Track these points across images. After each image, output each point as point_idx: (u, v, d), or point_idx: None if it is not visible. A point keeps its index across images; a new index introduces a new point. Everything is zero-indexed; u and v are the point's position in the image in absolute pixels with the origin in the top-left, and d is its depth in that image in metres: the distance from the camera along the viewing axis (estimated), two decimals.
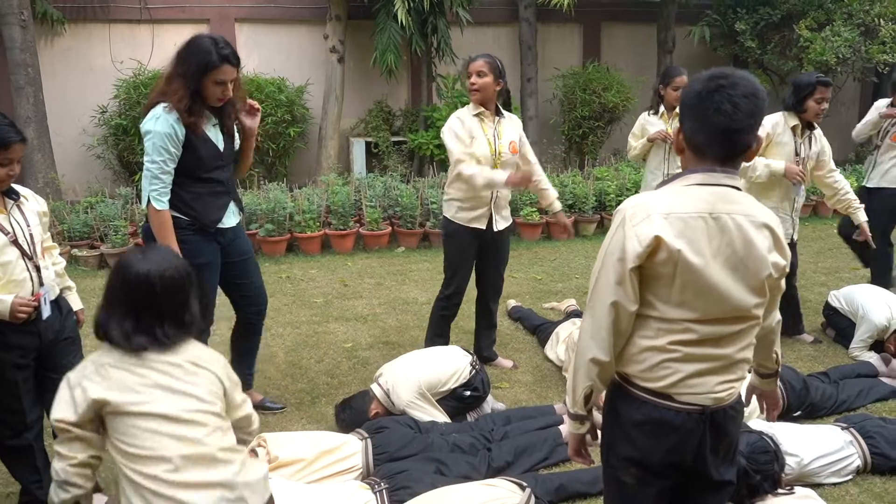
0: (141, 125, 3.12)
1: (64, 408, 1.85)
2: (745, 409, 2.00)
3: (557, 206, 4.26)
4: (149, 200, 3.11)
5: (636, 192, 6.00)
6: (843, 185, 4.47)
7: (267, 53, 9.17)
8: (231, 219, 3.41)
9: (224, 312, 3.73)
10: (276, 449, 2.97)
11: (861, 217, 4.48)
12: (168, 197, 3.14)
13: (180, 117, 3.07)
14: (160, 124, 3.04)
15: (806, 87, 4.20)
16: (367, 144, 9.18)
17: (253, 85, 8.32)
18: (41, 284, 2.66)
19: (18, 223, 2.63)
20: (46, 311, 2.68)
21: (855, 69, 9.33)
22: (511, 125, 4.00)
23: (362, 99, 9.46)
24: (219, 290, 3.49)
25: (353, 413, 3.52)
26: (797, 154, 4.28)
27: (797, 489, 2.89)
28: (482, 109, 3.88)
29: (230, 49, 3.16)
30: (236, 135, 3.43)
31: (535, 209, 7.61)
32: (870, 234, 4.48)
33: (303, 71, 9.14)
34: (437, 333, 4.21)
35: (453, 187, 3.96)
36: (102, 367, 1.87)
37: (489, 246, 4.07)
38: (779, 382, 3.52)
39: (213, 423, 1.89)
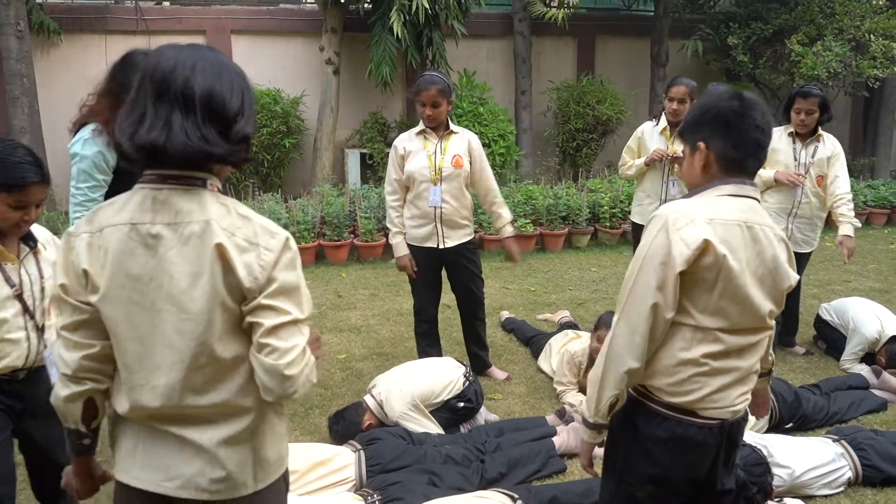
0: (68, 146, 2.87)
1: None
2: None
3: (508, 230, 4.15)
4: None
5: (629, 204, 6.00)
6: (839, 193, 4.30)
7: (263, 65, 9.20)
8: None
9: None
10: None
11: (842, 231, 4.26)
12: None
13: (111, 141, 2.87)
14: (87, 148, 2.79)
15: (788, 98, 4.36)
16: (362, 156, 9.21)
17: None
18: (44, 347, 2.34)
19: (29, 275, 2.31)
20: (54, 376, 2.26)
21: (846, 84, 9.42)
22: (459, 140, 3.98)
23: (357, 110, 9.50)
24: None
25: (346, 425, 3.52)
26: (795, 160, 4.33)
27: (788, 501, 2.90)
28: (423, 128, 3.95)
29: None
30: None
31: (528, 220, 7.64)
32: (847, 251, 4.21)
33: (298, 82, 9.18)
34: (427, 346, 4.23)
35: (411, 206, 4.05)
36: None
37: (448, 263, 4.10)
38: (770, 394, 3.55)
39: None
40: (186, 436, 1.54)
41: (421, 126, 3.96)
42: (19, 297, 2.27)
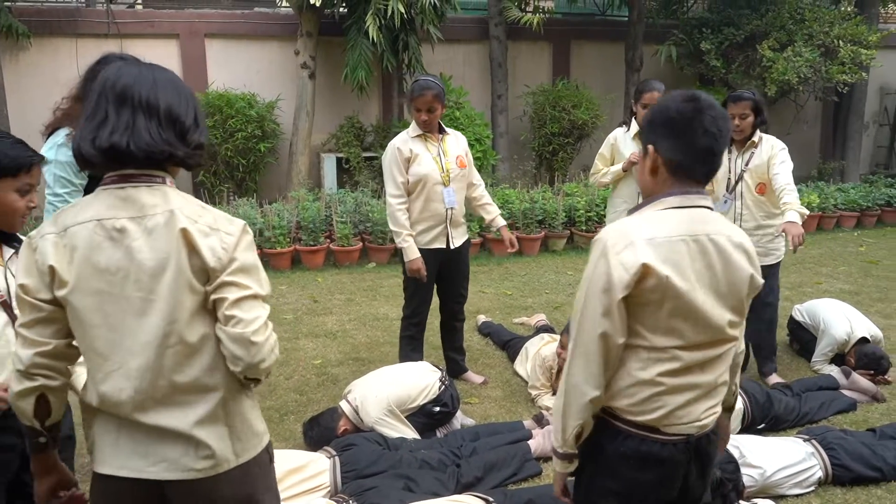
0: (41, 151, 2.73)
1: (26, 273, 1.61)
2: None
3: (500, 221, 4.32)
4: None
5: (605, 208, 6.01)
6: (778, 186, 3.93)
7: (237, 69, 9.13)
8: None
9: None
10: None
11: (784, 217, 3.75)
12: None
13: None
14: (62, 153, 2.74)
15: (723, 103, 4.09)
16: (338, 160, 9.17)
17: (223, 100, 8.28)
18: None
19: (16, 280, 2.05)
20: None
21: (816, 89, 9.57)
22: (455, 141, 4.07)
23: (333, 115, 9.46)
24: None
25: (321, 431, 3.50)
26: (729, 170, 4.14)
27: (759, 501, 2.93)
28: (420, 132, 3.94)
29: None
30: None
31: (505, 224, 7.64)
32: (791, 238, 3.63)
33: (273, 86, 9.12)
34: (411, 350, 4.22)
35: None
36: None
37: (449, 263, 4.11)
38: (743, 395, 3.58)
39: None
40: (161, 424, 1.61)
41: (416, 130, 3.95)
42: (4, 304, 2.06)
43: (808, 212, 3.95)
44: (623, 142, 4.51)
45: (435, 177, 3.92)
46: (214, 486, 1.67)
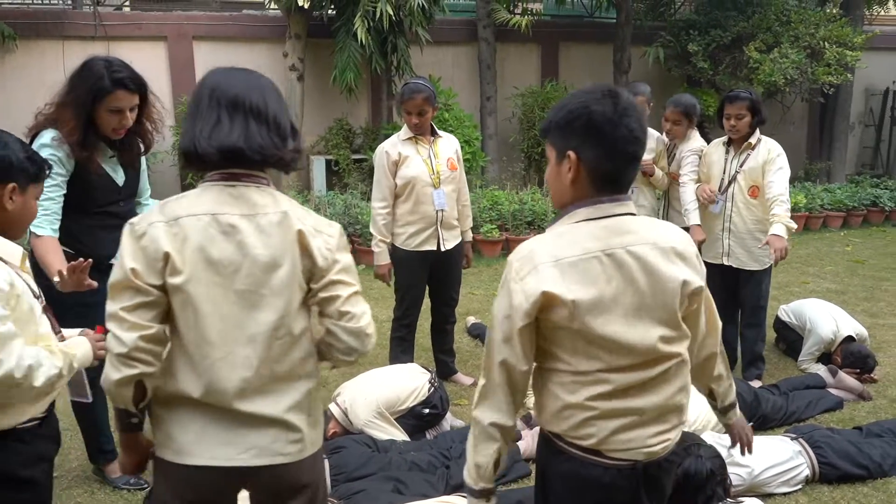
0: None
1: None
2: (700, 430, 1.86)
3: (468, 236, 4.31)
4: (29, 229, 2.70)
5: None
6: (771, 195, 3.93)
7: None
8: None
9: None
10: None
11: (771, 230, 3.81)
12: (52, 223, 2.79)
13: (71, 151, 2.80)
14: (45, 153, 2.70)
15: (719, 105, 4.16)
16: (328, 162, 9.16)
17: None
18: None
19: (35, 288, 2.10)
20: (89, 395, 2.25)
21: (802, 90, 9.64)
22: (446, 143, 4.07)
23: (322, 117, 9.44)
24: None
25: None
26: (724, 171, 4.14)
27: (746, 500, 2.95)
28: (411, 135, 3.94)
29: (127, 72, 2.82)
30: (144, 166, 3.19)
31: (494, 226, 7.67)
32: (773, 251, 3.74)
33: None
34: (401, 351, 4.22)
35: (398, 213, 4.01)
36: None
37: (440, 266, 4.11)
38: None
39: None
40: (257, 411, 1.69)
41: (407, 132, 3.95)
42: (46, 310, 2.06)
43: (795, 226, 3.99)
44: None
45: (425, 179, 3.92)
46: (296, 470, 1.76)
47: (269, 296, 1.69)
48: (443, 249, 4.05)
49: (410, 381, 3.67)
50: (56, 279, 2.46)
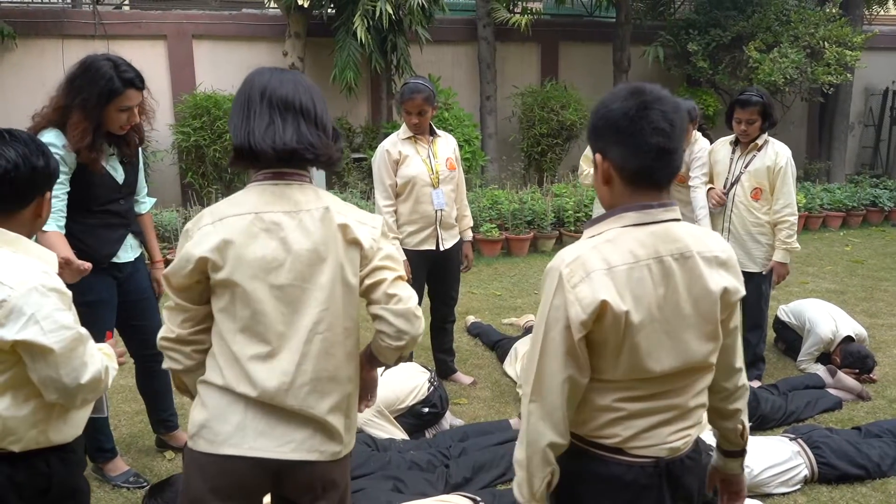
0: None
1: None
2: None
3: (467, 235, 4.29)
4: None
5: (593, 207, 6.03)
6: (777, 215, 4.02)
7: (225, 70, 9.09)
8: (128, 253, 3.13)
9: None
10: None
11: (774, 256, 4.03)
12: (57, 220, 2.78)
13: (80, 154, 2.80)
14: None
15: (729, 106, 4.16)
16: None
17: (211, 101, 8.25)
18: None
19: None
20: (106, 410, 2.25)
21: (802, 90, 9.64)
22: (445, 143, 4.07)
23: None
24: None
25: None
26: (730, 171, 4.15)
27: (747, 500, 2.95)
28: (410, 134, 3.94)
29: (133, 71, 2.84)
30: (141, 161, 3.21)
31: (494, 225, 7.67)
32: (776, 277, 4.01)
33: None
34: None
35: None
36: None
37: (439, 265, 4.11)
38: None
39: None
40: (298, 407, 1.73)
41: (407, 132, 3.95)
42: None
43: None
44: None
45: (424, 178, 3.92)
46: (331, 469, 1.81)
47: (312, 290, 1.74)
48: (441, 249, 4.05)
49: (410, 381, 3.67)
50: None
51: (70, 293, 1.82)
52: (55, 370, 1.72)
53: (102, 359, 1.87)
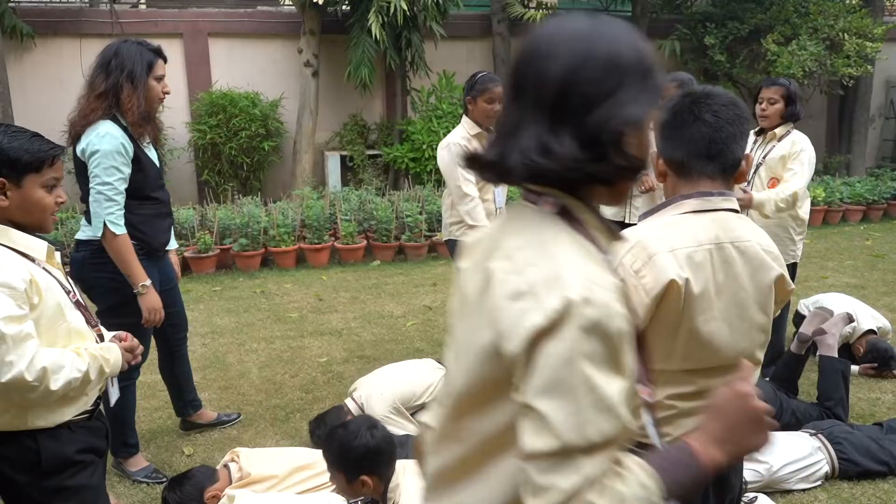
0: (81, 146, 2.87)
1: None
2: None
3: None
4: (105, 225, 2.85)
5: None
6: (783, 185, 3.84)
7: (241, 68, 9.14)
8: (174, 242, 3.34)
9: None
10: (248, 465, 2.95)
11: (758, 194, 3.71)
12: (123, 217, 2.91)
13: (132, 130, 2.91)
14: (107, 142, 2.81)
15: (757, 89, 4.07)
16: (342, 158, 9.18)
17: (227, 99, 8.29)
18: None
19: (71, 280, 2.09)
20: (115, 394, 2.23)
21: (821, 82, 9.53)
22: None
23: (337, 113, 9.46)
24: None
25: (327, 429, 3.50)
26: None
27: (761, 498, 2.92)
28: (479, 130, 3.72)
29: (152, 44, 3.10)
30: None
31: None
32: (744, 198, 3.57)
33: (277, 85, 9.13)
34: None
35: (456, 211, 3.83)
36: None
37: None
38: None
39: None
40: None
41: (475, 128, 3.73)
42: (78, 305, 2.01)
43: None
44: None
45: None
46: None
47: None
48: None
49: (426, 377, 3.67)
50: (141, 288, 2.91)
51: (20, 289, 1.81)
52: None
53: (44, 361, 1.80)
